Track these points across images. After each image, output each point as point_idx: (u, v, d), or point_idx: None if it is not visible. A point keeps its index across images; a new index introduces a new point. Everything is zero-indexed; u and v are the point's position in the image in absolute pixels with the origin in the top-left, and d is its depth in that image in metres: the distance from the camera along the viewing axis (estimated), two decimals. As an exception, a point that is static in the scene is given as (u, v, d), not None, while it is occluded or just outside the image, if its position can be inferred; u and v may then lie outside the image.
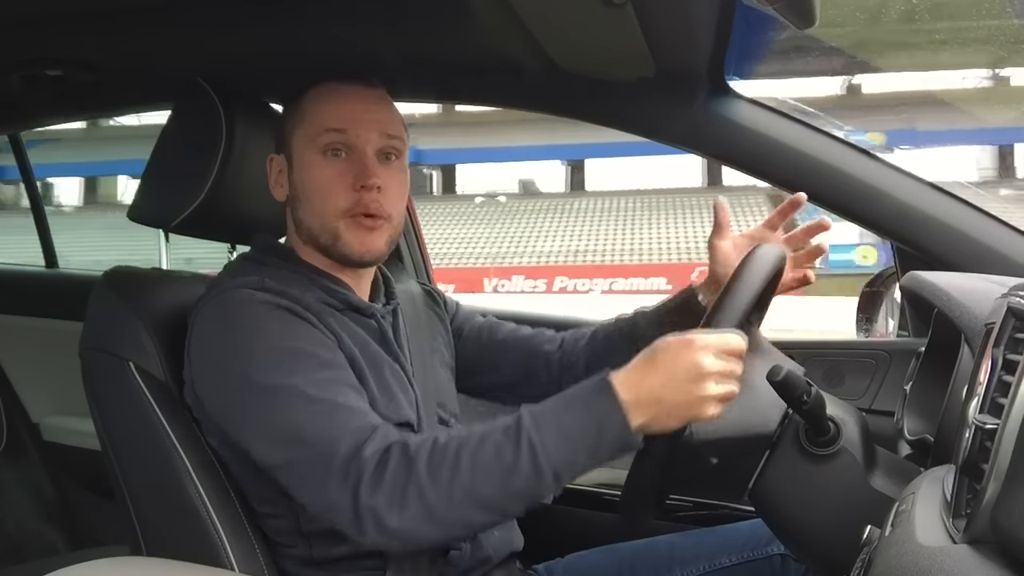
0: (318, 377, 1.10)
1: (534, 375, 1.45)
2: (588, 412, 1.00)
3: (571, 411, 1.01)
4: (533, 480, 0.99)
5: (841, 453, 1.06)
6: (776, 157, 1.51)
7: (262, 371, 1.10)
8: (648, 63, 1.39)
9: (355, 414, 1.08)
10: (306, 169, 1.24)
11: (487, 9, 1.23)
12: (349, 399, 1.10)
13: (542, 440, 0.99)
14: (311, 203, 1.24)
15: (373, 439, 1.04)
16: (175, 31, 1.46)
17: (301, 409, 1.07)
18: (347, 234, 1.23)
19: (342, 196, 1.22)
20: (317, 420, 1.07)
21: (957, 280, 1.12)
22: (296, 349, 1.12)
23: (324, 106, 1.25)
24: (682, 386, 0.99)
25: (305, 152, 1.24)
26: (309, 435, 1.06)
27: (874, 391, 1.59)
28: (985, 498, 0.60)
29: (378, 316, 1.28)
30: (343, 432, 1.05)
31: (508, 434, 1.01)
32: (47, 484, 2.20)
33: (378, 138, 1.24)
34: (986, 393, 0.73)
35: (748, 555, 1.33)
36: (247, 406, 1.11)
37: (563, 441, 1.00)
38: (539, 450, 0.99)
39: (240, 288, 1.18)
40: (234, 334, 1.14)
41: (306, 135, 1.24)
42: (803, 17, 1.07)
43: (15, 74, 1.65)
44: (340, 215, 1.22)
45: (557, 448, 0.99)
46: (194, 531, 1.19)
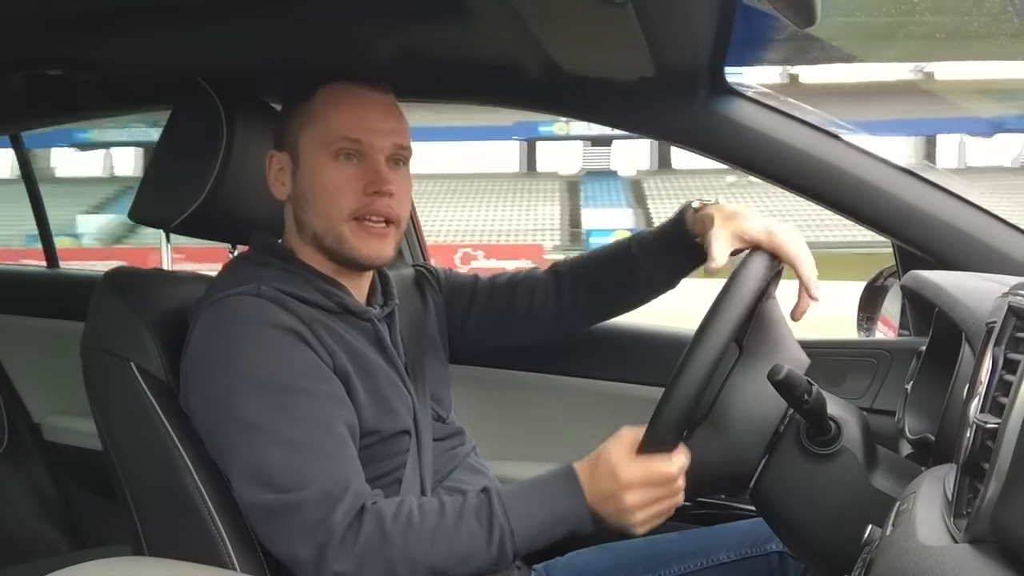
0: (302, 414, 1.12)
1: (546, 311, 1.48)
2: (554, 506, 1.11)
3: (539, 504, 1.11)
4: (496, 561, 1.09)
5: (842, 452, 1.06)
6: (777, 155, 1.51)
7: (246, 403, 1.12)
8: (648, 62, 1.39)
9: (331, 462, 1.11)
10: (315, 171, 1.24)
11: (487, 8, 1.23)
12: (328, 443, 1.12)
13: (511, 528, 1.09)
14: (317, 204, 1.25)
15: (344, 499, 1.08)
16: (175, 31, 1.46)
17: (276, 452, 1.10)
18: (352, 237, 1.24)
19: (350, 199, 1.23)
20: (291, 466, 1.09)
21: (958, 279, 1.12)
22: (284, 384, 1.13)
23: (338, 110, 1.25)
24: (608, 507, 1.10)
25: (315, 154, 1.24)
26: (279, 481, 1.09)
27: (875, 390, 1.59)
28: (986, 497, 0.60)
29: (374, 320, 1.29)
30: (314, 484, 1.08)
31: (480, 519, 1.09)
32: (48, 484, 2.20)
33: (390, 145, 1.25)
34: (987, 392, 0.73)
35: (746, 552, 1.33)
36: (227, 436, 1.14)
37: (528, 529, 1.10)
38: (507, 538, 1.08)
39: (236, 296, 1.18)
40: (225, 358, 1.15)
41: (317, 137, 1.24)
42: (804, 16, 1.06)
43: (16, 73, 1.65)
44: (346, 218, 1.23)
45: (522, 536, 1.09)
46: (195, 531, 1.19)
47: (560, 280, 1.47)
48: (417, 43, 1.48)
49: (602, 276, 1.46)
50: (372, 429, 1.21)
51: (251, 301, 1.17)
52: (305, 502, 1.07)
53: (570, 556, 1.43)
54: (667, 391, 1.06)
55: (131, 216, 1.44)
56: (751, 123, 1.51)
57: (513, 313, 1.49)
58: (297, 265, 1.27)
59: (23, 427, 2.20)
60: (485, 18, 1.28)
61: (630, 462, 1.08)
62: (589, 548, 1.43)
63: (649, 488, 1.08)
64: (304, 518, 1.07)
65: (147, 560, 1.21)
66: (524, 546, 1.10)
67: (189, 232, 1.41)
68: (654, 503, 1.09)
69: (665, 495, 1.09)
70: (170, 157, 1.42)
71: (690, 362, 1.04)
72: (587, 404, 1.85)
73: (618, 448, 1.10)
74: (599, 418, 1.84)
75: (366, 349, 1.25)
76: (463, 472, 1.35)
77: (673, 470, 1.08)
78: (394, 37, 1.45)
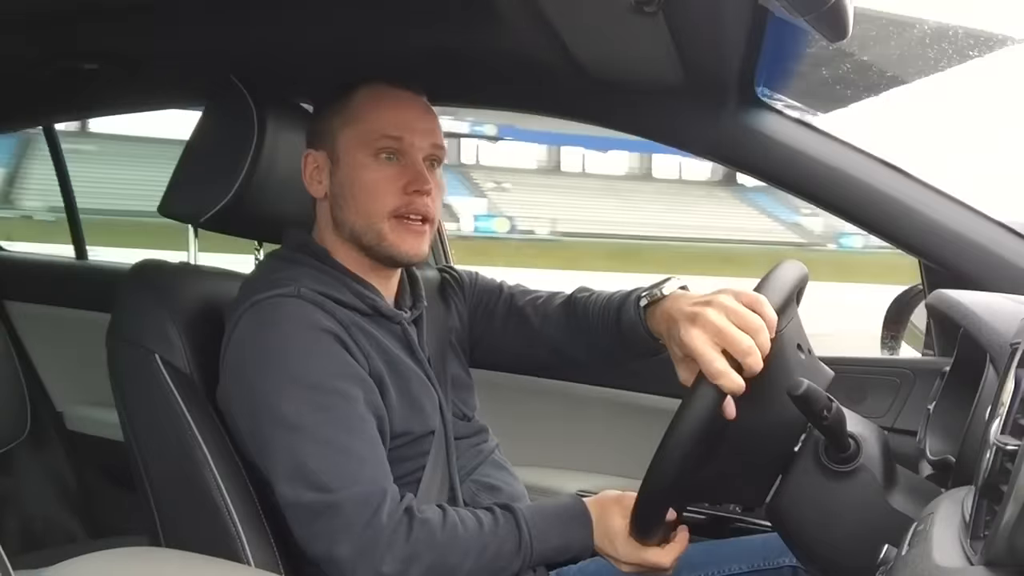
0: (339, 415, 1.14)
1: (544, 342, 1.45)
2: (568, 535, 1.20)
3: (558, 531, 1.20)
4: (515, 573, 1.18)
5: (860, 471, 1.05)
6: (804, 170, 1.50)
7: (286, 404, 1.14)
8: (677, 72, 1.39)
9: (368, 465, 1.14)
10: (355, 169, 1.26)
11: (517, 13, 1.23)
12: (364, 445, 1.15)
13: (533, 550, 1.18)
14: (357, 202, 1.26)
15: (385, 502, 1.12)
16: (209, 29, 1.47)
17: (315, 452, 1.12)
18: (392, 235, 1.26)
19: (391, 197, 1.25)
20: (329, 466, 1.12)
21: (984, 299, 1.11)
22: (322, 384, 1.15)
23: (379, 110, 1.27)
24: (604, 555, 1.22)
25: (356, 152, 1.26)
26: (318, 481, 1.11)
27: (897, 409, 1.57)
28: (1003, 520, 0.59)
29: (404, 323, 1.30)
30: (353, 485, 1.11)
31: (511, 538, 1.17)
32: (69, 473, 2.22)
33: (428, 146, 1.28)
34: (1008, 414, 0.72)
35: (759, 564, 1.32)
36: (269, 437, 1.15)
37: (546, 551, 1.19)
38: (527, 557, 1.18)
39: (278, 297, 1.19)
40: (266, 361, 1.17)
41: (358, 136, 1.26)
42: (836, 30, 1.06)
43: (52, 66, 1.67)
44: (386, 216, 1.25)
45: (540, 556, 1.19)
46: (213, 525, 1.20)
47: (568, 316, 1.42)
48: (446, 47, 1.49)
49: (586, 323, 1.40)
50: (403, 431, 1.23)
51: (292, 303, 1.19)
52: (344, 502, 1.10)
53: (582, 564, 1.43)
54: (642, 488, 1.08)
55: (160, 210, 1.46)
56: (780, 137, 1.51)
57: (524, 334, 1.45)
58: (331, 265, 1.28)
59: (46, 415, 2.22)
60: (515, 23, 1.29)
61: (627, 541, 1.17)
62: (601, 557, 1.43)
63: (641, 568, 1.18)
64: (344, 519, 1.10)
65: (163, 551, 1.22)
66: (538, 563, 1.20)
67: (217, 228, 1.43)
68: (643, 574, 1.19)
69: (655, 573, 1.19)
70: (201, 153, 1.43)
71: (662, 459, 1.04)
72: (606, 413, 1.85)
73: (618, 519, 1.19)
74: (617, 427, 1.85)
75: (397, 351, 1.27)
76: (489, 467, 1.37)
77: (664, 561, 1.17)
78: (423, 40, 1.46)
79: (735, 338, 1.03)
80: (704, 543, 1.43)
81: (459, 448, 1.33)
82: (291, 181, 1.37)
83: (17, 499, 2.10)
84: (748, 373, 1.03)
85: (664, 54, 1.31)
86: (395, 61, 1.51)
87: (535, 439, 1.89)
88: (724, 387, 1.01)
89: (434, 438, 1.28)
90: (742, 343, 1.02)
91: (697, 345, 1.05)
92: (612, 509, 1.20)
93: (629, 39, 1.28)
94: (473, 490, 1.31)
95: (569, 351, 1.42)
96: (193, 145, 1.44)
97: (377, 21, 1.39)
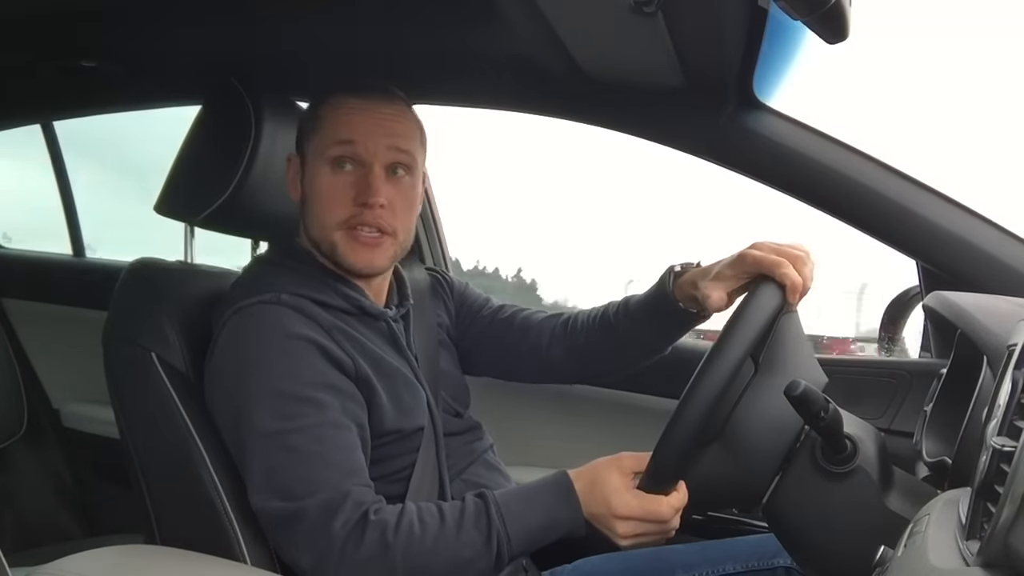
0: (309, 423, 1.13)
1: (532, 357, 1.48)
2: (549, 512, 1.13)
3: (536, 510, 1.13)
4: (494, 567, 1.11)
5: (857, 472, 1.05)
6: (802, 172, 1.50)
7: (261, 414, 1.14)
8: (676, 72, 1.39)
9: (333, 471, 1.12)
10: (314, 177, 1.26)
11: (515, 12, 1.23)
12: (333, 452, 1.13)
13: (508, 535, 1.10)
14: (314, 211, 1.27)
15: (343, 508, 1.09)
16: (207, 28, 1.47)
17: (283, 460, 1.12)
18: (343, 246, 1.24)
19: (341, 208, 1.24)
20: (296, 475, 1.11)
21: (981, 301, 1.11)
22: (294, 393, 1.14)
23: (337, 117, 1.25)
24: (600, 523, 1.13)
25: (315, 160, 1.26)
26: (285, 489, 1.11)
27: (894, 411, 1.58)
28: (1000, 521, 0.59)
29: (390, 321, 1.30)
30: (317, 493, 1.09)
31: (479, 527, 1.10)
32: (65, 470, 2.22)
33: (387, 152, 1.25)
34: (1005, 415, 0.72)
35: (753, 565, 1.33)
36: (243, 444, 1.15)
37: (525, 535, 1.12)
38: (504, 543, 1.10)
39: (258, 305, 1.19)
40: (244, 371, 1.17)
41: (319, 143, 1.26)
42: (835, 31, 1.06)
43: (51, 64, 1.67)
44: (337, 227, 1.24)
45: (519, 541, 1.11)
46: (208, 523, 1.20)
47: (554, 330, 1.47)
48: (445, 48, 1.49)
49: (582, 338, 1.44)
50: (391, 429, 1.23)
51: (272, 310, 1.19)
52: (307, 510, 1.09)
53: (577, 563, 1.43)
54: (666, 434, 1.06)
55: (156, 209, 1.46)
56: (779, 138, 1.51)
57: (502, 347, 1.49)
58: (315, 267, 1.28)
59: (42, 413, 2.22)
60: (514, 23, 1.28)
61: (626, 493, 1.11)
62: (597, 556, 1.43)
63: (640, 523, 1.11)
64: (306, 526, 1.09)
65: (159, 549, 1.22)
66: (520, 549, 1.13)
67: (213, 227, 1.43)
68: (642, 535, 1.12)
69: (655, 531, 1.12)
70: (197, 152, 1.43)
71: (688, 404, 1.05)
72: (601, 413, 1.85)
73: (615, 476, 1.12)
74: (614, 428, 1.85)
75: (383, 350, 1.27)
76: (480, 467, 1.37)
77: (667, 512, 1.10)
78: (422, 40, 1.46)
79: (792, 249, 1.16)
80: (699, 543, 1.43)
81: (450, 445, 1.33)
82: (288, 180, 1.37)
83: (13, 496, 2.10)
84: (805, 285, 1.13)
85: (663, 55, 1.31)
86: (394, 61, 1.51)
87: (530, 440, 1.89)
88: (788, 276, 1.11)
89: (423, 435, 1.28)
90: (799, 252, 1.15)
91: (758, 255, 1.17)
92: (607, 470, 1.13)
93: (628, 40, 1.28)
94: (462, 489, 1.30)
95: (557, 363, 1.46)
96: (190, 144, 1.44)
97: (375, 21, 1.39)
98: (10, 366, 1.99)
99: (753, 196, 1.58)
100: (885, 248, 1.52)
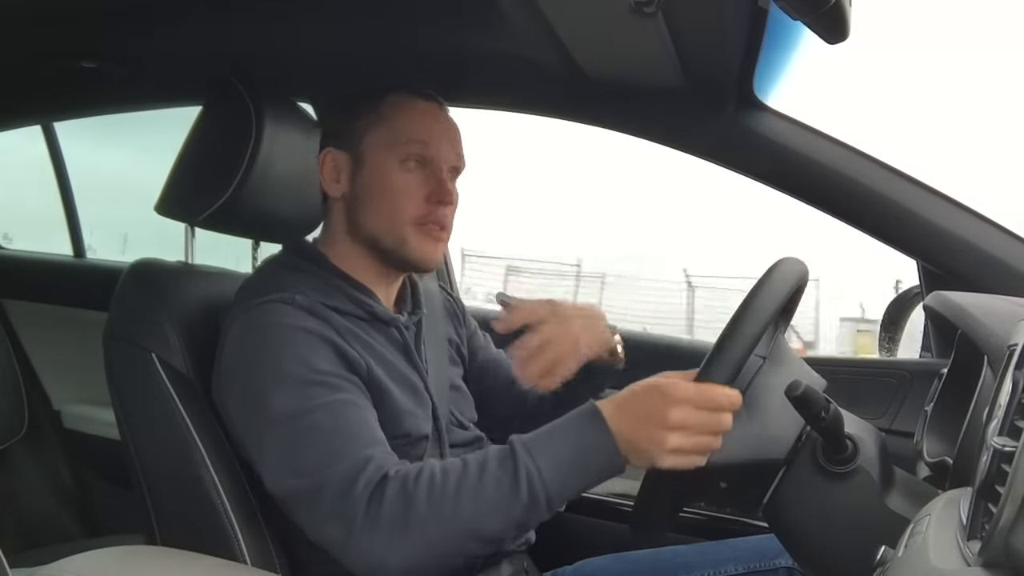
0: (327, 401, 1.12)
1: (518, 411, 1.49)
2: (579, 442, 1.04)
3: (563, 440, 1.05)
4: (530, 509, 1.03)
5: (858, 472, 1.05)
6: (802, 172, 1.50)
7: (278, 400, 1.12)
8: (676, 72, 1.39)
9: (354, 441, 1.10)
10: (381, 173, 1.27)
11: (515, 13, 1.23)
12: (351, 425, 1.12)
13: (538, 469, 1.03)
14: (380, 206, 1.27)
15: (365, 471, 1.06)
16: (208, 28, 1.47)
17: (302, 438, 1.10)
18: (414, 241, 1.27)
19: (415, 206, 1.26)
20: (314, 449, 1.09)
21: (981, 301, 1.11)
22: (306, 376, 1.14)
23: (410, 116, 1.28)
24: (647, 430, 1.02)
25: (382, 156, 1.27)
26: (305, 466, 1.09)
27: (894, 411, 1.58)
28: (1000, 521, 0.59)
29: (400, 327, 1.30)
30: (337, 463, 1.07)
31: (505, 465, 1.04)
32: (66, 471, 2.21)
33: (450, 156, 1.29)
34: (1006, 415, 0.72)
35: (755, 566, 1.33)
36: (260, 433, 1.14)
37: (557, 469, 1.03)
38: (535, 479, 1.02)
39: (270, 303, 1.19)
40: (259, 362, 1.16)
41: (387, 140, 1.27)
42: (835, 32, 1.06)
43: (51, 65, 1.67)
44: (410, 223, 1.26)
45: (552, 477, 1.03)
46: (209, 523, 1.20)
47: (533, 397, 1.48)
48: (445, 48, 1.49)
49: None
50: (396, 434, 1.22)
51: (283, 308, 1.19)
52: (329, 481, 1.06)
53: (578, 564, 1.43)
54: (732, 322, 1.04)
55: (157, 210, 1.46)
56: (779, 138, 1.51)
57: (492, 391, 1.51)
58: (328, 270, 1.28)
59: (43, 414, 2.22)
60: (514, 24, 1.28)
61: (677, 380, 1.04)
62: (598, 556, 1.43)
63: (696, 410, 1.01)
64: (329, 496, 1.06)
65: (159, 550, 1.22)
66: (556, 488, 1.03)
67: (214, 227, 1.43)
68: (695, 429, 1.01)
69: (708, 425, 1.01)
70: (198, 153, 1.43)
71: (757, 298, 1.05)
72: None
73: (658, 379, 1.06)
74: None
75: (393, 356, 1.27)
76: None
77: (724, 399, 1.01)
78: (422, 40, 1.46)
79: None
80: (700, 544, 1.43)
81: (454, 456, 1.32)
82: (288, 181, 1.37)
83: (14, 497, 2.09)
84: None
85: (663, 55, 1.31)
86: (394, 61, 1.51)
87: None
88: None
89: (427, 443, 1.27)
90: None
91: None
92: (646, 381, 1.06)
93: (628, 40, 1.28)
94: None
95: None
96: (191, 144, 1.44)
97: (376, 21, 1.39)
98: (11, 367, 1.99)
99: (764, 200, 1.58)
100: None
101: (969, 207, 1.47)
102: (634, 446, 1.03)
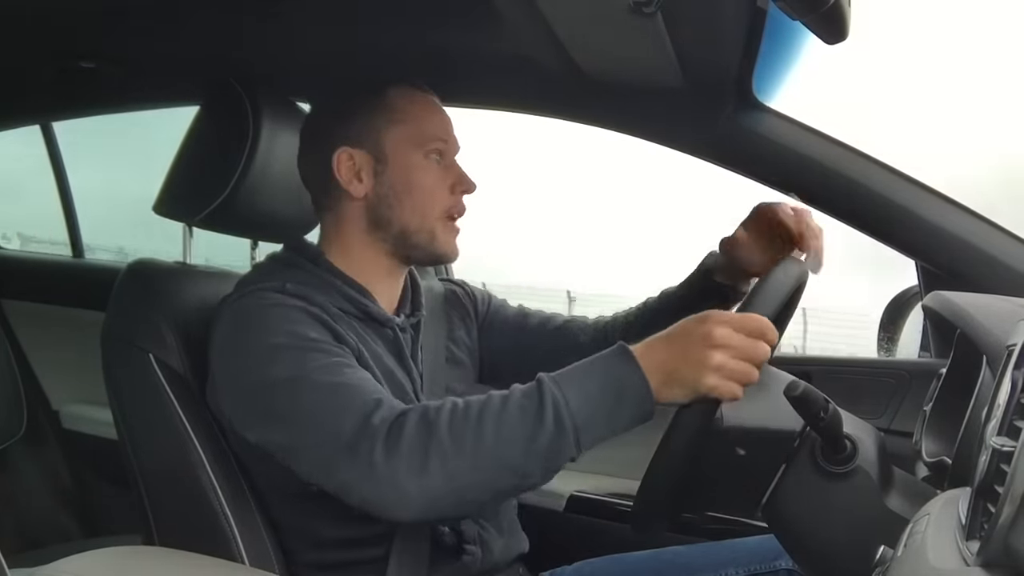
0: (325, 363, 1.11)
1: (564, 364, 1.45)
2: (608, 374, 1.02)
3: (591, 374, 1.03)
4: (556, 439, 0.99)
5: (857, 472, 1.05)
6: (802, 172, 1.50)
7: (273, 368, 1.11)
8: (675, 72, 1.39)
9: (359, 390, 1.08)
10: (409, 169, 1.27)
11: (514, 12, 1.23)
12: (353, 378, 1.11)
13: (565, 398, 1.00)
14: (412, 202, 1.27)
15: (379, 409, 1.04)
16: (206, 29, 1.47)
17: (307, 396, 1.08)
18: (443, 234, 1.29)
19: (444, 198, 1.29)
20: (322, 403, 1.07)
21: (980, 301, 1.11)
22: (305, 344, 1.13)
23: (427, 112, 1.31)
24: (690, 352, 1.00)
25: (408, 152, 1.27)
26: (314, 419, 1.07)
27: (893, 411, 1.58)
28: (999, 521, 0.59)
29: (396, 328, 1.29)
30: (346, 409, 1.05)
31: (529, 395, 1.02)
32: (64, 471, 2.22)
33: (457, 145, 1.32)
34: (1004, 415, 0.72)
35: (755, 568, 1.32)
36: (259, 401, 1.13)
37: (584, 400, 1.00)
38: (562, 407, 0.99)
39: (261, 290, 1.19)
40: (247, 335, 1.16)
41: (410, 137, 1.27)
42: (834, 32, 1.06)
43: (49, 65, 1.67)
44: (440, 216, 1.28)
45: (579, 407, 1.00)
46: (206, 524, 1.20)
47: (592, 330, 1.46)
48: (443, 48, 1.49)
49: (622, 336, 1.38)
50: None
51: (274, 296, 1.18)
52: (342, 427, 1.04)
53: (577, 565, 1.43)
54: (763, 279, 1.11)
55: (155, 210, 1.46)
56: (778, 138, 1.51)
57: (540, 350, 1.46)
58: (325, 268, 1.27)
59: (42, 414, 2.22)
60: (513, 23, 1.28)
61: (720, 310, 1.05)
62: (597, 558, 1.43)
63: (740, 334, 1.00)
64: (343, 441, 1.03)
65: (157, 550, 1.22)
66: (583, 418, 1.00)
67: (212, 227, 1.43)
68: (736, 352, 1.00)
69: (748, 350, 1.00)
70: (196, 153, 1.43)
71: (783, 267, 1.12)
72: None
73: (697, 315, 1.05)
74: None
75: (385, 356, 1.26)
76: None
77: (766, 326, 1.02)
78: (421, 40, 1.46)
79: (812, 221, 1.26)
80: (700, 545, 1.43)
81: None
82: (286, 180, 1.37)
83: (13, 497, 2.09)
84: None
85: (662, 55, 1.31)
86: (393, 61, 1.51)
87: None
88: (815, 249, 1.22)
89: None
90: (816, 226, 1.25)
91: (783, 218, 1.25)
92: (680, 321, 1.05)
93: (627, 40, 1.28)
94: None
95: None
96: (189, 144, 1.44)
97: (374, 21, 1.39)
98: (9, 367, 1.99)
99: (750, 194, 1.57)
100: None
101: (968, 207, 1.47)
102: (674, 375, 1.01)
